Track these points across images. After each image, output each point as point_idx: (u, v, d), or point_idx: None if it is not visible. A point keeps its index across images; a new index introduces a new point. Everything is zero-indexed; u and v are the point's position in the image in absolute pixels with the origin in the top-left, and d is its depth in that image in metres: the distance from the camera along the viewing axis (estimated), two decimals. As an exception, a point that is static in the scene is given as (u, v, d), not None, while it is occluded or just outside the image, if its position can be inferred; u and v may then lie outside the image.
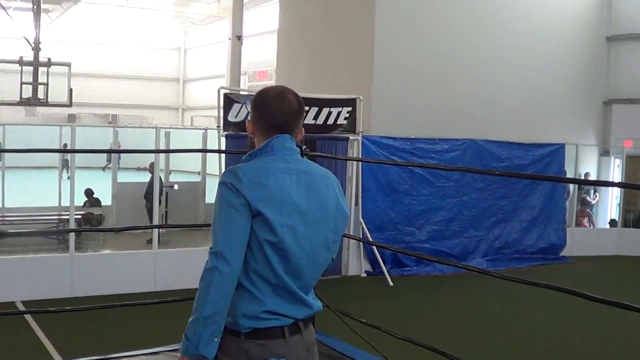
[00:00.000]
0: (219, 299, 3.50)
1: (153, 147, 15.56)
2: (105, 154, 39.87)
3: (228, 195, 3.55)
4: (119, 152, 26.29)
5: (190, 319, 3.56)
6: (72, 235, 14.28)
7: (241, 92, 16.64)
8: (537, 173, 18.51)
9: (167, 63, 57.01)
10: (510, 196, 18.55)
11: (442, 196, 17.56)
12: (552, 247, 19.15)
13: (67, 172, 36.94)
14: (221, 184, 3.61)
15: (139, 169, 35.56)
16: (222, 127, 14.57)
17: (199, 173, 21.82)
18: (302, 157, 4.00)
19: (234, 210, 3.52)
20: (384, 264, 16.17)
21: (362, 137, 16.31)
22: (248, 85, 40.53)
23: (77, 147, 14.92)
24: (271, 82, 40.38)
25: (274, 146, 3.79)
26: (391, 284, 15.58)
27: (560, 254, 19.34)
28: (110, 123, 49.12)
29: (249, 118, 3.95)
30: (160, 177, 17.45)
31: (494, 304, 14.35)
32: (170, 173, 21.23)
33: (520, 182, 18.48)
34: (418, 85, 18.03)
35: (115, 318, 11.56)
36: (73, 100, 30.48)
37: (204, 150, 15.89)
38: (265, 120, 3.83)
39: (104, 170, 39.44)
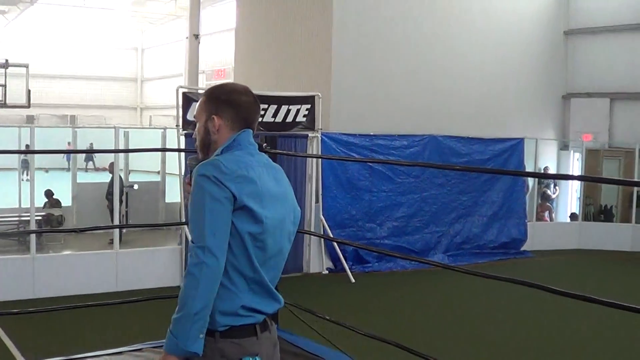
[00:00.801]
0: (208, 294, 3.48)
1: (112, 147, 15.47)
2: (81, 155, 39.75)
3: (211, 188, 3.52)
4: (78, 152, 26.08)
5: (175, 316, 3.52)
6: (33, 236, 14.17)
7: (199, 91, 16.57)
8: (497, 168, 18.55)
9: (125, 63, 56.78)
10: (471, 191, 18.63)
11: (402, 192, 17.58)
12: (513, 242, 19.25)
13: (27, 174, 36.78)
14: (202, 176, 3.55)
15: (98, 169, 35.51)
16: (181, 127, 14.50)
17: (158, 172, 21.72)
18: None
19: (218, 204, 3.51)
20: (345, 260, 16.18)
21: (322, 134, 16.32)
22: (206, 84, 40.38)
23: (37, 148, 14.79)
24: (230, 81, 40.44)
25: (240, 141, 3.80)
26: (353, 280, 15.59)
27: (522, 249, 19.42)
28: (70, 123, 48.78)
29: (206, 114, 3.87)
30: (120, 177, 17.36)
31: (456, 299, 14.42)
32: (129, 173, 21.14)
33: (480, 177, 18.56)
34: (377, 82, 18.09)
35: (78, 318, 11.46)
36: (31, 102, 30.26)
37: (165, 150, 15.81)
38: (237, 115, 3.82)
39: (86, 170, 39.25)
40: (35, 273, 13.56)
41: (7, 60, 28.34)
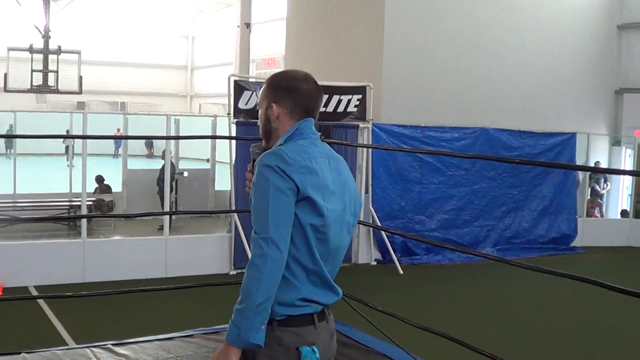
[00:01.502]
0: (270, 286, 3.44)
1: (164, 134, 15.54)
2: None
3: (275, 179, 3.48)
4: (131, 138, 26.23)
5: (238, 307, 3.47)
6: (84, 221, 14.31)
7: (250, 80, 16.60)
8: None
9: (176, 51, 56.93)
10: (521, 185, 18.42)
11: (452, 185, 17.47)
12: (563, 237, 19.01)
13: (67, 160, 37.08)
14: (266, 167, 3.51)
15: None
16: (232, 114, 14.53)
17: (207, 160, 21.78)
18: None
19: (282, 195, 3.47)
20: (394, 252, 16.14)
21: (372, 125, 16.26)
22: (256, 72, 40.46)
23: (88, 134, 14.90)
24: (279, 69, 40.47)
25: (303, 130, 3.74)
26: (401, 272, 15.55)
27: (571, 244, 19.19)
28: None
29: (266, 102, 3.82)
30: (172, 163, 17.45)
31: (505, 293, 14.31)
32: (179, 160, 21.25)
33: (532, 171, 18.37)
34: (428, 73, 17.98)
35: (127, 304, 11.53)
36: (82, 88, 30.53)
37: (217, 137, 15.84)
38: (297, 103, 3.76)
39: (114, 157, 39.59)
40: (86, 258, 13.68)
41: (59, 47, 28.59)
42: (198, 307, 11.75)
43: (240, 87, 14.66)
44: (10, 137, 23.27)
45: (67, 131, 24.64)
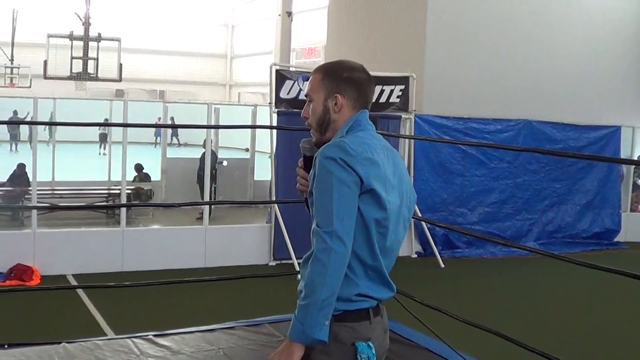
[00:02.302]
0: (335, 281, 3.38)
1: (204, 123, 15.54)
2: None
3: (339, 172, 3.41)
4: (172, 127, 26.31)
5: (302, 303, 3.42)
6: (123, 209, 14.34)
7: (292, 69, 16.54)
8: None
9: (215, 39, 56.99)
10: (565, 179, 18.23)
11: (495, 177, 17.32)
12: (607, 232, 18.79)
13: (104, 148, 37.28)
14: (329, 159, 3.45)
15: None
16: (273, 104, 14.50)
17: (246, 150, 21.78)
18: None
19: (346, 188, 3.41)
20: (435, 245, 16.03)
21: (415, 116, 16.17)
22: (296, 62, 40.45)
23: (128, 122, 14.93)
24: (320, 60, 40.26)
25: (361, 122, 3.69)
26: (442, 265, 15.45)
27: (615, 240, 18.95)
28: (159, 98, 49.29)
29: (325, 92, 3.73)
30: (213, 152, 17.45)
31: (549, 287, 14.16)
32: (218, 149, 21.28)
33: (575, 164, 18.17)
34: (472, 63, 17.74)
35: (167, 294, 11.54)
36: (122, 76, 30.68)
37: (258, 127, 15.75)
38: (359, 94, 3.72)
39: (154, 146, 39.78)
40: (125, 246, 13.70)
41: (99, 34, 28.75)
42: (238, 298, 11.74)
43: (281, 77, 14.62)
44: (52, 124, 23.42)
45: (106, 119, 24.70)
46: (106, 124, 14.60)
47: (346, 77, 3.72)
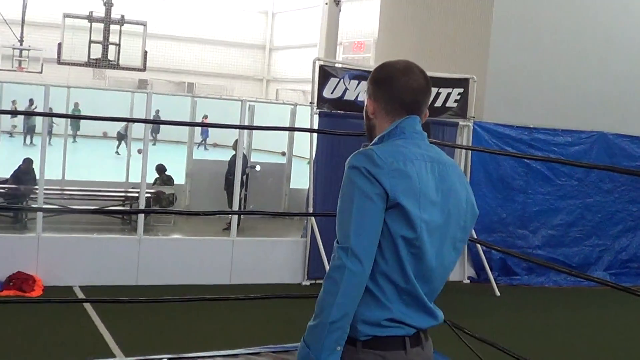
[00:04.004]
0: (348, 302, 3.43)
1: (237, 122, 15.53)
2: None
3: (362, 183, 3.47)
4: (199, 125, 26.41)
5: (311, 323, 3.50)
6: (141, 215, 14.40)
7: (338, 65, 16.53)
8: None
9: (252, 28, 56.97)
10: (643, 201, 18.10)
11: (562, 196, 17.20)
12: (688, 263, 18.59)
13: (118, 147, 37.53)
14: (353, 168, 3.52)
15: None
16: (315, 104, 14.51)
17: (282, 154, 21.82)
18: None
19: (369, 201, 3.45)
20: (491, 270, 15.96)
21: (474, 123, 16.13)
22: (343, 57, 40.39)
23: (152, 117, 14.99)
24: (369, 55, 40.29)
25: (404, 128, 3.74)
26: (498, 293, 15.39)
27: (697, 272, 18.71)
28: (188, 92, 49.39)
29: (367, 96, 3.87)
30: (244, 156, 17.49)
31: (620, 324, 14.06)
32: (251, 153, 21.31)
33: (656, 185, 18.00)
34: (541, 66, 17.58)
35: (185, 312, 11.59)
36: (146, 64, 30.74)
37: (298, 129, 15.70)
38: (392, 98, 3.77)
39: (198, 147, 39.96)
40: (141, 257, 13.77)
41: (123, 17, 28.78)
42: (266, 321, 11.78)
43: (326, 73, 14.66)
44: (73, 117, 23.52)
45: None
46: (124, 119, 14.52)
47: (379, 80, 3.81)
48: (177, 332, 11.11)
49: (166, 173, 20.06)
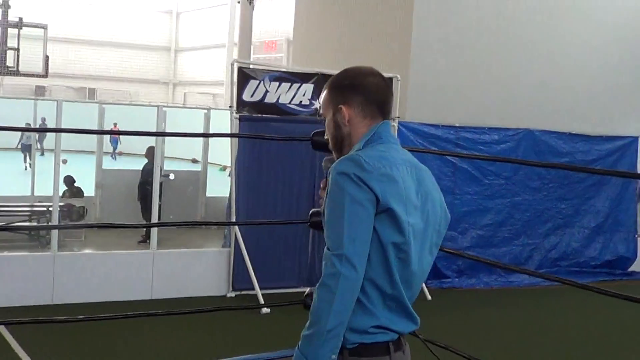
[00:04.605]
0: (344, 310, 3.52)
1: (148, 129, 15.46)
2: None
3: (352, 189, 3.56)
4: (116, 133, 26.14)
5: (306, 333, 3.58)
6: (55, 231, 14.26)
7: (257, 67, 16.50)
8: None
9: (156, 28, 56.75)
10: (571, 198, 18.37)
11: (489, 196, 17.42)
12: (620, 260, 18.89)
13: (29, 159, 37.04)
14: (342, 174, 3.60)
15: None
16: (235, 107, 14.50)
17: (192, 161, 21.76)
18: None
19: (360, 207, 3.55)
20: (420, 274, 16.03)
21: (398, 123, 16.24)
22: (254, 57, 40.39)
23: (55, 126, 14.72)
24: (282, 55, 40.39)
25: (381, 134, 3.87)
26: (429, 297, 15.50)
27: (629, 269, 19.02)
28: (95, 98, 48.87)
29: (332, 105, 3.95)
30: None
31: (552, 322, 14.21)
32: (163, 161, 21.21)
33: (584, 181, 18.31)
34: (465, 64, 17.76)
35: (106, 331, 11.49)
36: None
37: (230, 135, 15.35)
38: (369, 101, 3.90)
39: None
40: (56, 274, 13.59)
41: (21, 19, 28.41)
42: (190, 337, 11.76)
43: (245, 75, 14.62)
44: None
45: (28, 124, 24.35)
46: (38, 130, 14.35)
47: (348, 84, 3.93)
48: (98, 351, 11.03)
49: (75, 185, 19.89)
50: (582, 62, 19.20)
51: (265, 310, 13.10)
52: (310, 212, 6.97)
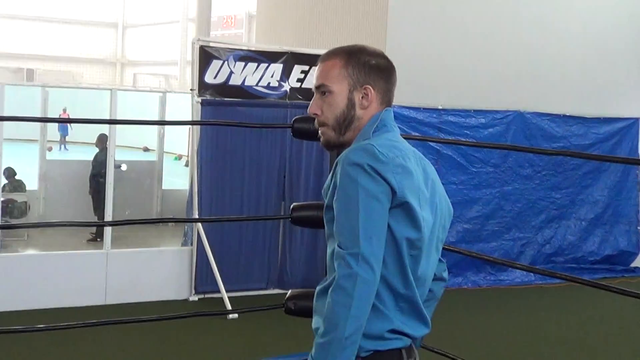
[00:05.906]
0: (361, 314, 3.49)
1: (99, 115, 15.29)
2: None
3: (366, 181, 3.53)
4: (65, 121, 25.99)
5: (321, 340, 3.53)
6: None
7: (214, 44, 16.34)
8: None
9: (101, 2, 56.39)
10: (566, 187, 18.34)
11: (477, 185, 17.38)
12: (621, 255, 18.90)
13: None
14: (355, 165, 3.56)
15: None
16: (196, 90, 14.37)
17: (144, 149, 21.60)
18: None
19: (375, 201, 3.53)
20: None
21: (376, 106, 16.16)
22: (212, 35, 40.26)
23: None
24: (241, 32, 40.31)
25: (387, 121, 3.88)
26: (416, 298, 15.49)
27: (631, 265, 19.04)
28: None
29: (357, 83, 3.91)
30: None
31: (548, 325, 14.26)
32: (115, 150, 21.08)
33: (580, 168, 18.30)
34: (448, 42, 17.70)
35: (54, 341, 11.41)
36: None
37: (202, 123, 15.10)
38: (388, 88, 3.94)
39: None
40: (-1, 278, 13.46)
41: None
42: (149, 345, 11.71)
43: (207, 55, 14.48)
44: None
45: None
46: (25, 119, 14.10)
47: (374, 65, 3.91)
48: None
49: (16, 177, 19.70)
50: (579, 37, 19.13)
51: (232, 315, 13.03)
52: (292, 206, 6.87)
